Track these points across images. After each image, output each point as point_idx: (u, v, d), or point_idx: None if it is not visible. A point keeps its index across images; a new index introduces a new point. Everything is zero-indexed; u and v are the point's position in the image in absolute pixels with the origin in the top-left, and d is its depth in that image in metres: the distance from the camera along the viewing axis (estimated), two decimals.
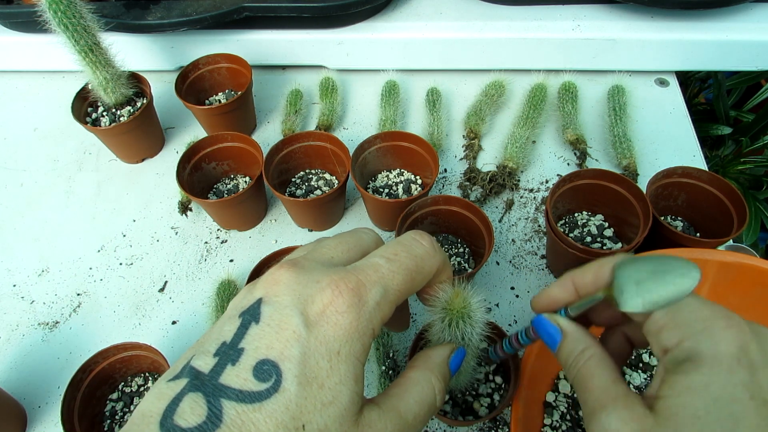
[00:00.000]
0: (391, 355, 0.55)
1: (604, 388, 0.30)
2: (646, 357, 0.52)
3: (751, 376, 0.27)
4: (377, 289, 0.30)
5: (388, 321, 0.39)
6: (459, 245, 0.63)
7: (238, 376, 0.26)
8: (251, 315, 0.29)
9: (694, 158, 0.72)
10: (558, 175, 0.72)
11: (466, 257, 0.62)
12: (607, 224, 0.61)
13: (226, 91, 0.79)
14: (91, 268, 0.67)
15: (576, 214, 0.63)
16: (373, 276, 0.30)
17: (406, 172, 0.69)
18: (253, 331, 0.28)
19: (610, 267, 0.33)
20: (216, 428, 0.24)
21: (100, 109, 0.74)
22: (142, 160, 0.78)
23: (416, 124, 0.79)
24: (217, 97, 0.79)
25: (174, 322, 0.62)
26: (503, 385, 0.50)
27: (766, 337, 0.29)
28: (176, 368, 0.28)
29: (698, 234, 0.61)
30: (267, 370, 0.26)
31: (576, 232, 0.61)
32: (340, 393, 0.27)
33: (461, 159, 0.74)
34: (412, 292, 0.33)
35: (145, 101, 0.74)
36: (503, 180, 0.69)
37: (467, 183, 0.71)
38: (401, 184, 0.67)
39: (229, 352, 0.27)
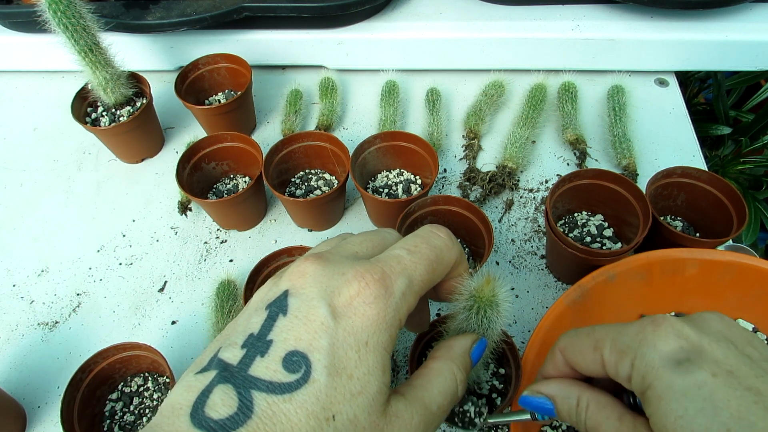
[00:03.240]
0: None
1: (615, 430, 0.30)
2: None
3: (700, 357, 0.27)
4: (402, 280, 0.30)
5: (408, 320, 0.39)
6: None
7: (268, 367, 0.26)
8: (278, 307, 0.29)
9: (694, 158, 0.72)
10: (558, 175, 0.72)
11: (466, 257, 0.62)
12: (606, 224, 0.61)
13: (226, 91, 0.79)
14: (90, 268, 0.67)
15: (576, 214, 0.63)
16: (396, 267, 0.31)
17: (405, 172, 0.69)
18: (281, 323, 0.28)
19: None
20: (247, 419, 0.25)
21: (100, 109, 0.74)
22: (142, 160, 0.78)
23: (416, 124, 0.79)
24: (216, 97, 0.79)
25: (174, 322, 0.62)
26: (503, 386, 0.50)
27: (697, 319, 0.30)
28: (203, 361, 0.28)
29: (698, 234, 0.61)
30: (296, 361, 0.26)
31: (576, 232, 0.61)
32: (368, 383, 0.28)
33: (461, 159, 0.74)
34: (434, 283, 0.33)
35: (144, 101, 0.74)
36: (503, 180, 0.69)
37: (467, 183, 0.71)
38: (401, 184, 0.67)
39: (258, 344, 0.27)
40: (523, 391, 0.35)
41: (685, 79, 1.18)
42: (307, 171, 0.70)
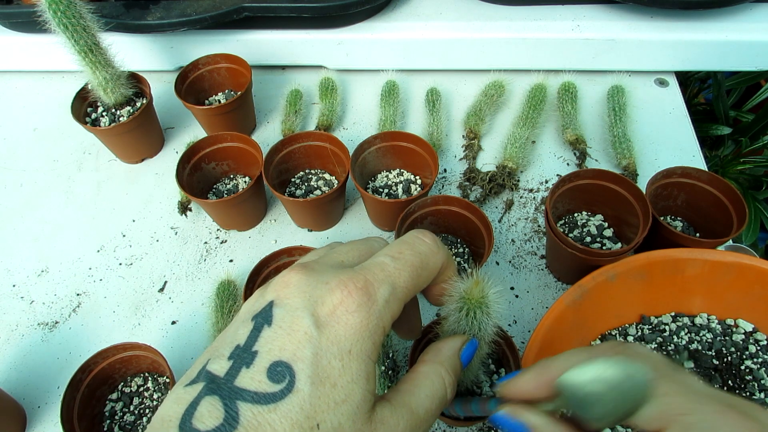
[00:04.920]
0: (390, 355, 0.55)
1: None
2: None
3: None
4: (385, 287, 0.31)
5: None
6: (459, 245, 0.63)
7: (253, 378, 0.27)
8: (263, 318, 0.29)
9: (694, 158, 0.72)
10: (558, 175, 0.72)
11: (466, 257, 0.62)
12: (606, 224, 0.62)
13: (226, 91, 0.79)
14: (90, 268, 0.67)
15: (576, 214, 0.63)
16: (380, 274, 0.31)
17: (405, 172, 0.69)
18: (266, 333, 0.28)
19: (557, 380, 0.30)
20: (233, 430, 0.25)
21: (100, 109, 0.74)
22: (142, 160, 0.78)
23: (416, 124, 0.79)
24: (216, 97, 0.79)
25: (174, 322, 0.62)
26: None
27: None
28: (192, 373, 0.29)
29: (698, 234, 0.61)
30: (281, 371, 0.27)
31: (576, 232, 0.61)
32: (352, 391, 0.28)
33: (461, 159, 0.74)
34: (419, 289, 0.33)
35: (144, 101, 0.74)
36: (503, 180, 0.69)
37: (467, 183, 0.71)
38: (401, 184, 0.67)
39: (243, 355, 0.28)
40: (500, 408, 0.33)
41: (685, 79, 1.18)
42: (307, 171, 0.70)
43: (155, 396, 0.54)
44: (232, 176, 0.72)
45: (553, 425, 0.31)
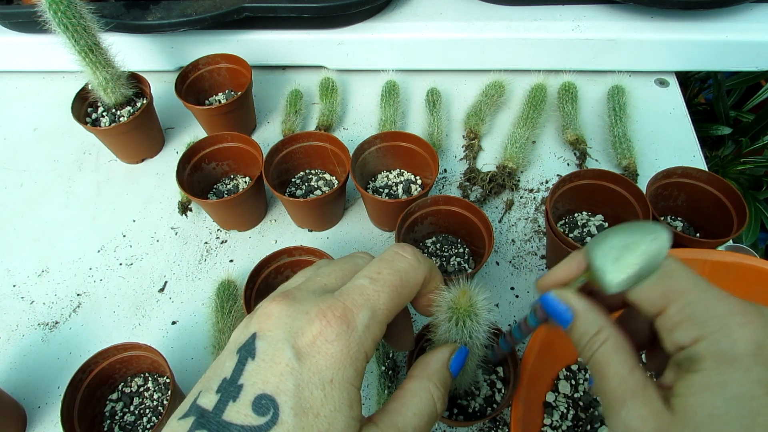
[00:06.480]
0: (390, 355, 0.55)
1: (621, 379, 0.29)
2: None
3: (767, 372, 0.26)
4: (365, 313, 0.31)
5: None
6: (459, 245, 0.63)
7: (239, 412, 0.28)
8: (247, 351, 0.30)
9: (694, 158, 0.72)
10: (558, 175, 0.72)
11: (466, 257, 0.62)
12: (607, 224, 0.62)
13: (226, 91, 0.79)
14: (91, 269, 0.67)
15: (576, 215, 0.63)
16: (359, 299, 0.31)
17: (406, 172, 0.69)
18: (250, 366, 0.29)
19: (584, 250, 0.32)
20: None
21: (100, 109, 0.74)
22: (142, 160, 0.78)
23: (416, 124, 0.79)
24: (217, 98, 0.79)
25: (174, 323, 0.62)
26: (503, 386, 0.50)
27: None
28: (186, 405, 0.29)
29: (698, 234, 0.61)
30: (265, 404, 0.28)
31: (576, 232, 0.61)
32: (335, 420, 0.28)
33: (461, 159, 0.74)
34: (400, 308, 0.33)
35: (144, 101, 0.74)
36: (503, 180, 0.69)
37: (467, 183, 0.71)
38: (401, 185, 0.67)
39: (230, 389, 0.29)
40: (548, 289, 0.34)
41: (685, 79, 1.18)
42: (307, 171, 0.70)
43: (155, 396, 0.54)
44: (232, 176, 0.72)
45: (591, 308, 0.32)
